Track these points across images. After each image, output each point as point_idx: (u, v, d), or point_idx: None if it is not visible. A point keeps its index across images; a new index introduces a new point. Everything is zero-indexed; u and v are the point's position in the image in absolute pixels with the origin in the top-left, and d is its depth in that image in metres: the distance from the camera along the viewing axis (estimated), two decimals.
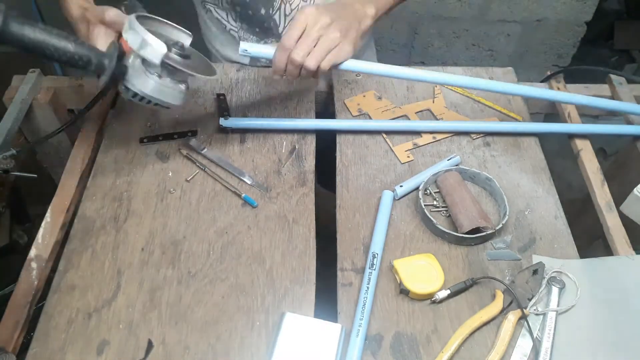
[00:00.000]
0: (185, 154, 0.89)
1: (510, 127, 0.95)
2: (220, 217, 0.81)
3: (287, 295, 0.73)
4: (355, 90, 1.01)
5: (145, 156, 0.89)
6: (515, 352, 0.68)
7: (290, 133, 0.93)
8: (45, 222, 0.81)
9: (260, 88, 1.01)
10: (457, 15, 1.68)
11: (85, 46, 0.67)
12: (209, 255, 0.77)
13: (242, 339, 0.69)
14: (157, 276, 0.74)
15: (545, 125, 0.96)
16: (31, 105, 1.00)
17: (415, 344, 0.69)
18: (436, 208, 0.84)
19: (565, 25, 1.90)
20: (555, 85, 1.05)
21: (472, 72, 1.06)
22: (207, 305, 0.72)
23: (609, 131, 0.95)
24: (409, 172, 0.88)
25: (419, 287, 0.71)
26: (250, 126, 0.92)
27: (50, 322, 0.69)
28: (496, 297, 0.72)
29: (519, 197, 0.86)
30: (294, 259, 0.77)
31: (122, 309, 0.71)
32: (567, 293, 0.74)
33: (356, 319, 0.69)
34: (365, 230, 0.80)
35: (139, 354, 0.67)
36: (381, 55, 1.75)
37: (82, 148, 0.91)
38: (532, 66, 1.97)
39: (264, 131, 0.93)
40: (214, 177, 0.85)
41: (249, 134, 0.93)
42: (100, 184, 0.85)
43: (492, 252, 0.78)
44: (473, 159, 0.91)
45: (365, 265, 0.75)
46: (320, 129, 0.93)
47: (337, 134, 0.94)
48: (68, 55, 0.66)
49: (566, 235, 0.81)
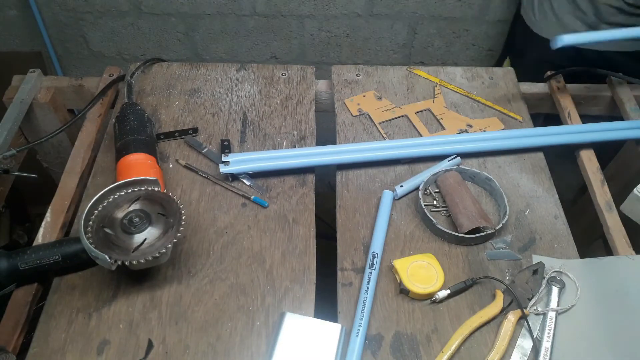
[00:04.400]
0: (184, 164, 0.87)
1: (511, 144, 0.92)
2: (220, 217, 0.81)
3: (287, 295, 0.73)
4: (355, 90, 1.01)
5: None
6: (515, 352, 0.68)
7: (290, 133, 0.93)
8: (45, 222, 0.81)
9: (260, 88, 1.01)
10: (457, 15, 1.68)
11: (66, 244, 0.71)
12: (209, 255, 0.77)
13: (242, 339, 0.69)
14: (157, 276, 0.74)
15: (548, 139, 0.93)
16: (31, 105, 1.00)
17: (415, 344, 0.69)
18: (436, 208, 0.84)
19: None
20: (555, 85, 1.05)
21: (472, 72, 1.06)
22: (207, 305, 0.72)
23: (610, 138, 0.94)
24: (409, 172, 0.88)
25: (419, 287, 0.71)
26: (250, 170, 0.85)
27: (50, 322, 0.69)
28: (496, 297, 0.72)
29: (519, 197, 0.86)
30: (294, 259, 0.77)
31: (122, 309, 0.71)
32: (567, 293, 0.74)
33: (356, 318, 0.69)
34: (365, 230, 0.80)
35: (139, 354, 0.67)
36: (381, 55, 1.75)
37: (82, 148, 0.91)
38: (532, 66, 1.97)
39: (264, 173, 0.87)
40: (217, 183, 0.85)
41: (249, 134, 0.93)
42: (100, 184, 0.85)
43: (492, 252, 0.78)
44: (473, 159, 0.91)
45: (365, 265, 0.75)
46: (323, 164, 0.87)
47: (338, 133, 0.94)
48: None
49: (566, 235, 0.81)
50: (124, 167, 0.79)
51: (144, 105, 0.96)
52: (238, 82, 1.02)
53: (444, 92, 1.02)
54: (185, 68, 1.05)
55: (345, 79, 1.03)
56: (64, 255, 0.70)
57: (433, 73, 1.05)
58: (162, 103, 0.98)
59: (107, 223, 0.68)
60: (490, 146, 0.91)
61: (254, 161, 0.86)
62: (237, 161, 0.85)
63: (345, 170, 0.88)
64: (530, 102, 1.03)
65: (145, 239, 0.68)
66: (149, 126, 0.87)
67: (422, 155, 0.89)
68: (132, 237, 0.68)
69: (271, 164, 0.86)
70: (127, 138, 0.82)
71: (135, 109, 0.87)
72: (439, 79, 1.04)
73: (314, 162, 0.87)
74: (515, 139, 0.92)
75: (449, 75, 1.05)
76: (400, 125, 0.96)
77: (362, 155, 0.88)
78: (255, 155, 0.87)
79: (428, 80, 1.04)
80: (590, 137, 0.93)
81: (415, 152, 0.89)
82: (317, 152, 0.88)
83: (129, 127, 0.83)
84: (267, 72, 1.04)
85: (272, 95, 1.00)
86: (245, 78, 1.03)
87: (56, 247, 0.71)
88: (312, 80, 1.03)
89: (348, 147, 0.89)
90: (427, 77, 1.05)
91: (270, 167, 0.86)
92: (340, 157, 0.88)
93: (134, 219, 0.68)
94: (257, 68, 1.04)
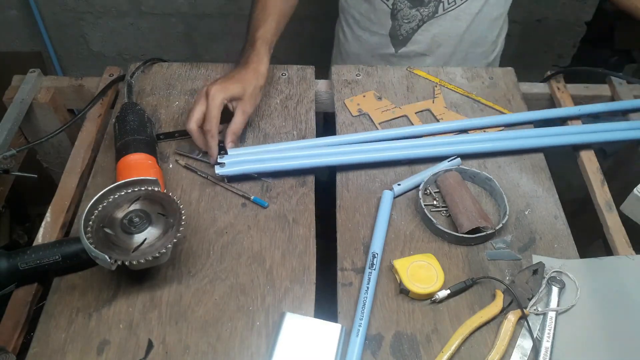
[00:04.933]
0: (184, 164, 0.87)
1: (512, 145, 0.92)
2: (220, 217, 0.81)
3: (287, 295, 0.73)
4: (355, 90, 1.01)
5: None
6: (515, 352, 0.68)
7: (290, 133, 0.93)
8: (45, 222, 0.81)
9: None
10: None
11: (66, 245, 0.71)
12: (209, 255, 0.77)
13: (242, 339, 0.69)
14: (157, 276, 0.74)
15: (547, 140, 0.93)
16: (31, 105, 1.00)
17: (415, 344, 0.69)
18: (436, 208, 0.84)
19: (565, 25, 1.90)
20: (555, 85, 1.05)
21: (472, 72, 1.06)
22: (207, 305, 0.72)
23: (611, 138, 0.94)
24: (409, 172, 0.88)
25: (419, 287, 0.71)
26: (247, 171, 0.84)
27: (50, 322, 0.69)
28: (496, 297, 0.72)
29: (519, 197, 0.86)
30: (294, 259, 0.77)
31: (122, 309, 0.71)
32: (567, 293, 0.74)
33: (356, 318, 0.69)
34: (365, 230, 0.80)
35: (139, 354, 0.67)
36: None
37: (82, 148, 0.91)
38: (532, 66, 1.97)
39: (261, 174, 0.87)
40: (217, 184, 0.85)
41: (249, 134, 0.93)
42: (100, 184, 0.85)
43: (492, 252, 0.78)
44: (473, 159, 0.91)
45: (365, 265, 0.75)
46: (322, 165, 0.87)
47: (338, 133, 0.94)
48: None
49: (566, 235, 0.81)
50: (124, 167, 0.79)
51: (144, 105, 0.96)
52: None
53: (444, 92, 1.02)
54: (185, 68, 1.05)
55: (345, 79, 1.03)
56: (64, 255, 0.70)
57: (433, 73, 1.05)
58: (162, 103, 0.98)
59: (107, 223, 0.68)
60: (490, 147, 0.91)
61: (250, 162, 0.85)
62: (233, 162, 0.85)
63: (345, 171, 0.88)
64: (530, 102, 1.03)
65: (145, 239, 0.68)
66: (149, 126, 0.87)
67: (422, 157, 0.89)
68: (132, 237, 0.68)
69: (268, 165, 0.85)
70: (127, 138, 0.82)
71: (135, 109, 0.87)
72: (439, 79, 1.04)
73: (313, 163, 0.86)
74: (516, 140, 0.92)
75: (449, 75, 1.05)
76: (400, 125, 0.96)
77: (362, 156, 0.88)
78: (250, 150, 0.87)
79: (428, 80, 1.04)
80: (591, 137, 0.93)
81: (415, 153, 0.89)
82: (316, 144, 0.89)
83: (129, 127, 0.83)
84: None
85: (271, 95, 1.00)
86: None
87: (56, 247, 0.71)
88: (312, 80, 1.03)
89: (349, 137, 0.90)
90: (427, 77, 1.05)
91: (267, 169, 0.85)
92: (340, 158, 0.87)
93: (134, 219, 0.68)
94: None
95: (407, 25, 1.05)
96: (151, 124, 0.88)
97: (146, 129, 0.85)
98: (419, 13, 1.03)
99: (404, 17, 1.04)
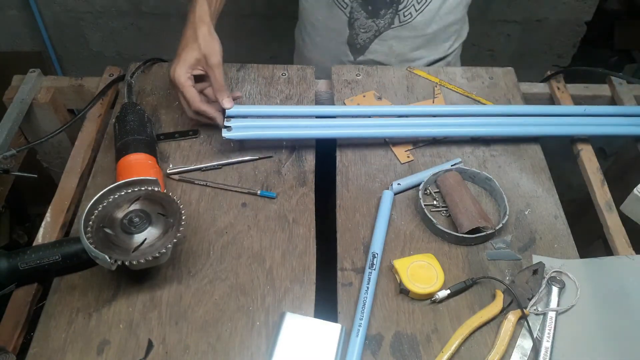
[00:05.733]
0: (177, 179, 0.86)
1: (512, 131, 0.93)
2: (220, 217, 0.81)
3: (287, 295, 0.73)
4: (355, 90, 1.01)
5: None
6: (515, 352, 0.68)
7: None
8: (45, 222, 0.81)
9: (260, 88, 1.01)
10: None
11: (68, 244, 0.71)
12: (209, 255, 0.77)
13: (242, 339, 0.69)
14: (157, 276, 0.74)
15: (547, 129, 0.93)
16: (31, 105, 1.00)
17: (415, 344, 0.69)
18: (436, 208, 0.84)
19: (565, 25, 1.90)
20: (555, 85, 1.05)
21: (472, 72, 1.06)
22: (207, 305, 0.72)
23: (610, 132, 0.94)
24: (409, 172, 0.88)
25: (419, 287, 0.71)
26: (254, 137, 0.88)
27: (50, 322, 0.69)
28: (496, 297, 0.72)
29: (519, 197, 0.86)
30: (294, 259, 0.77)
31: (122, 309, 0.71)
32: (567, 293, 0.74)
33: (356, 318, 0.69)
34: (365, 230, 0.80)
35: (139, 354, 0.67)
36: None
37: (82, 148, 0.91)
38: (532, 66, 1.97)
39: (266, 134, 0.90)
40: (217, 187, 0.85)
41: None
42: (100, 184, 0.85)
43: (492, 252, 0.78)
44: (473, 158, 0.91)
45: (365, 265, 0.75)
46: (322, 137, 0.91)
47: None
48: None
49: (566, 235, 0.81)
50: (124, 167, 0.79)
51: (144, 105, 0.96)
52: (238, 82, 1.02)
53: (444, 92, 1.02)
54: None
55: (345, 78, 1.03)
56: (64, 255, 0.70)
57: (433, 73, 1.05)
58: (162, 103, 0.98)
59: (107, 223, 0.68)
60: (492, 131, 0.93)
61: (255, 128, 0.87)
62: (240, 127, 0.86)
63: (345, 172, 0.88)
64: (531, 102, 1.03)
65: (145, 239, 0.68)
66: (149, 126, 0.87)
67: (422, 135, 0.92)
68: (132, 237, 0.68)
69: (274, 133, 0.88)
70: (127, 138, 0.82)
71: (135, 109, 0.87)
72: (439, 79, 1.04)
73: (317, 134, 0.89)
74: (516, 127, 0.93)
75: (449, 75, 1.05)
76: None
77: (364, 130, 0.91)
78: (256, 108, 0.91)
79: (428, 80, 1.04)
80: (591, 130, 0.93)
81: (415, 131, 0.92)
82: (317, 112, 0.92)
83: (129, 127, 0.83)
84: (267, 72, 1.04)
85: (272, 95, 1.00)
86: (245, 78, 1.03)
87: (56, 247, 0.71)
88: (312, 80, 1.03)
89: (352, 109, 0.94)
90: (427, 77, 1.05)
91: (272, 136, 0.88)
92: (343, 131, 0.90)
93: (134, 219, 0.68)
94: (257, 68, 1.04)
95: (364, 34, 1.05)
96: (151, 124, 0.88)
97: (146, 129, 0.85)
98: (375, 24, 1.03)
99: (360, 26, 1.04)
